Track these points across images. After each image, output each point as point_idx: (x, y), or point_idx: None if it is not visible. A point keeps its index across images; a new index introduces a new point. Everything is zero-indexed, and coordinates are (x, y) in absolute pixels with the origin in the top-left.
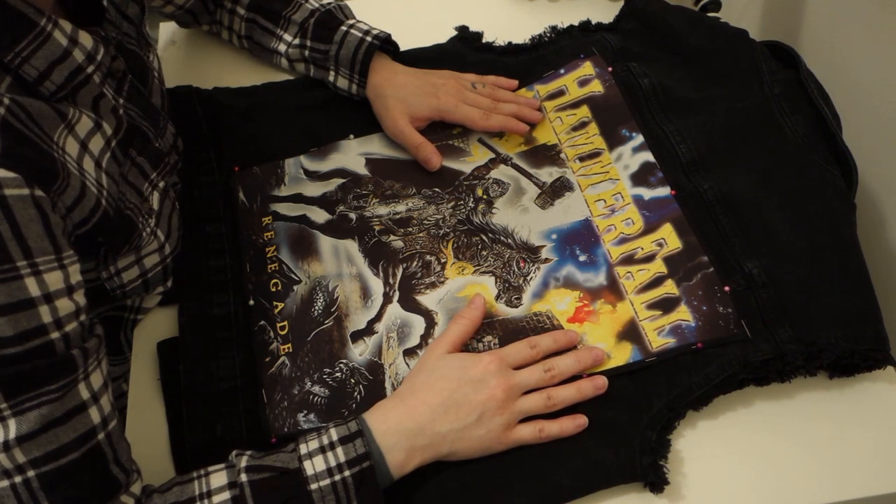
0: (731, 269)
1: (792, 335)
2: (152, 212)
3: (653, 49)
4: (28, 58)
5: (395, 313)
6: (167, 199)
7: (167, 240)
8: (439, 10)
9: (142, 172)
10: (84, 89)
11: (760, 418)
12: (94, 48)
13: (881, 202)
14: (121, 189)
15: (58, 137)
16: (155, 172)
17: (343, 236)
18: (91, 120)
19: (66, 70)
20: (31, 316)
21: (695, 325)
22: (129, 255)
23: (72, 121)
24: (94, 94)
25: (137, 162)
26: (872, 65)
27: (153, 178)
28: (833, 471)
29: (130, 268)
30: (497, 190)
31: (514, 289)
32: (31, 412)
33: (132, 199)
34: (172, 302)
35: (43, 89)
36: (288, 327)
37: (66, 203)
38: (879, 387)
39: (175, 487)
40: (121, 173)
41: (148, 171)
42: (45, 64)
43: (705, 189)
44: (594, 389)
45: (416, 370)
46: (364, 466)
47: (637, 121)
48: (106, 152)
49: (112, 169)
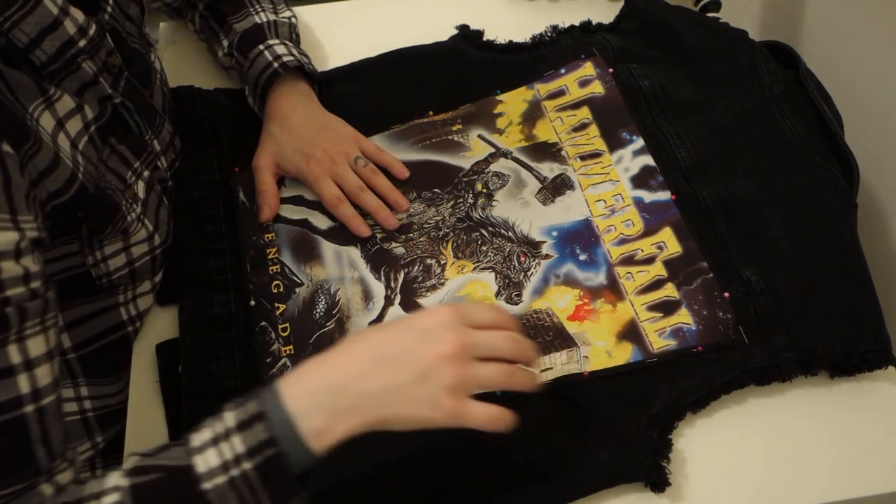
0: (729, 275)
1: (788, 343)
2: (137, 198)
3: (653, 50)
4: (18, 22)
5: (396, 315)
6: (153, 192)
7: (156, 231)
8: (440, 9)
9: (123, 160)
10: (75, 74)
11: (761, 418)
12: (85, 23)
13: (882, 202)
14: (100, 171)
15: (33, 109)
16: (138, 161)
17: (345, 243)
18: (73, 102)
19: (57, 40)
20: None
21: (696, 329)
22: (116, 240)
23: (52, 98)
24: (84, 81)
25: (118, 150)
26: (872, 65)
27: (136, 167)
28: (834, 470)
29: (118, 255)
30: (497, 182)
31: (515, 285)
32: None
33: (114, 182)
34: (172, 302)
35: (34, 59)
36: (290, 329)
37: (38, 167)
38: (880, 386)
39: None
40: (99, 158)
41: (130, 159)
42: (36, 30)
43: (704, 196)
44: None
45: None
46: (269, 455)
47: (637, 124)
48: (83, 135)
49: (90, 152)
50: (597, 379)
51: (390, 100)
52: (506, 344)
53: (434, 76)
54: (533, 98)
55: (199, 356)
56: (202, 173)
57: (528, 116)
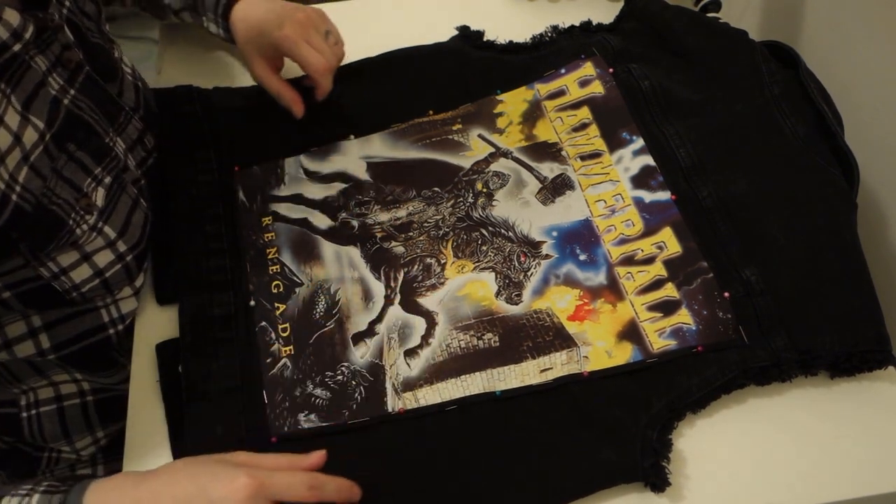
0: (729, 275)
1: (787, 343)
2: (92, 208)
3: (653, 50)
4: None
5: (395, 314)
6: (124, 195)
7: (121, 237)
8: (440, 9)
9: (82, 167)
10: (24, 74)
11: (761, 418)
12: (21, 26)
13: (882, 202)
14: (49, 185)
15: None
16: (99, 167)
17: (345, 243)
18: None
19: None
20: None
21: (695, 329)
22: (67, 251)
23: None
24: (35, 81)
25: (76, 156)
26: (872, 65)
27: (97, 173)
28: (834, 470)
29: (78, 266)
30: (497, 182)
31: (515, 285)
32: None
33: (63, 194)
34: (172, 302)
35: None
36: (290, 329)
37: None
38: (880, 386)
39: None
40: (52, 168)
41: (90, 165)
42: None
43: (704, 196)
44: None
45: (180, 456)
46: None
47: (637, 124)
48: (39, 146)
49: (42, 164)
50: (597, 379)
51: (390, 99)
52: (301, 494)
53: (434, 76)
54: (533, 98)
55: (200, 356)
56: (201, 173)
57: (529, 116)
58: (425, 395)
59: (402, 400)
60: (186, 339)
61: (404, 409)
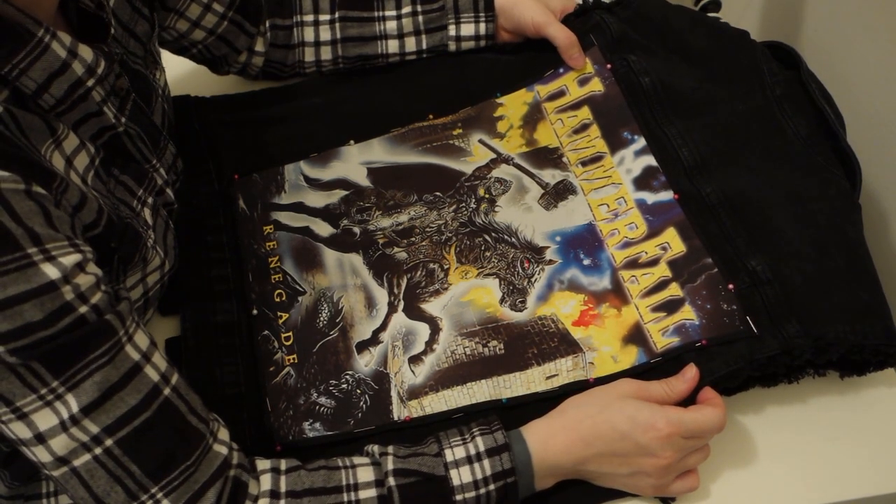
0: (735, 268)
1: (800, 330)
2: (148, 226)
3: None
4: (26, 69)
5: (399, 322)
6: (159, 218)
7: (166, 257)
8: None
9: (128, 190)
10: (81, 105)
11: (762, 419)
12: (94, 61)
13: (884, 202)
14: (113, 203)
15: (45, 151)
16: (141, 189)
17: (347, 250)
18: (77, 139)
19: (65, 83)
20: (55, 297)
21: (699, 323)
22: (136, 271)
23: (60, 136)
24: (89, 111)
25: (121, 180)
26: (872, 65)
27: (140, 195)
28: (834, 470)
29: (136, 286)
30: (499, 188)
31: (519, 291)
32: (85, 382)
33: (126, 212)
34: (174, 312)
35: (42, 102)
36: (293, 338)
37: (72, 202)
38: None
39: (322, 471)
40: (108, 190)
41: (133, 187)
42: (44, 76)
43: (707, 192)
44: None
45: (590, 397)
46: (508, 482)
47: (639, 123)
48: (90, 170)
49: (98, 186)
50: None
51: (390, 102)
52: (699, 461)
53: (433, 78)
54: (533, 100)
55: (203, 362)
56: (201, 184)
57: (529, 119)
58: (431, 403)
59: (407, 408)
60: (189, 344)
61: (410, 417)
